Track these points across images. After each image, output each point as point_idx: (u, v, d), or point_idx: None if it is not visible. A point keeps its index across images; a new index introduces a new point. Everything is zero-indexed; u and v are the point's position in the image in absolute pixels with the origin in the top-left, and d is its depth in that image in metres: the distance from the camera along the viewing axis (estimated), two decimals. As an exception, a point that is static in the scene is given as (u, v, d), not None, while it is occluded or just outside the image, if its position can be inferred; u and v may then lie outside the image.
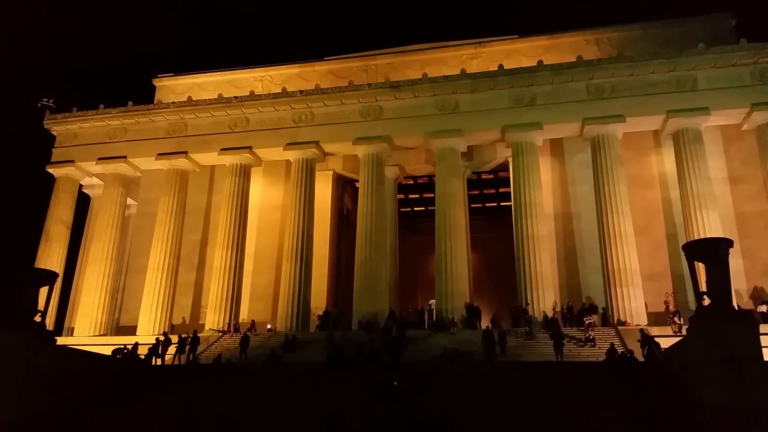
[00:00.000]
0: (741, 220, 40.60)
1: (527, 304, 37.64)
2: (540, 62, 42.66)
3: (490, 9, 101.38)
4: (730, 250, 20.92)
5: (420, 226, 61.55)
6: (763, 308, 35.95)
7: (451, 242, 40.91)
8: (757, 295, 38.43)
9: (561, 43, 47.96)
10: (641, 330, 32.16)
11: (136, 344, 33.77)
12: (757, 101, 38.60)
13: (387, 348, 29.80)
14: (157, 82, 55.71)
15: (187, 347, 34.68)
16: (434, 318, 39.41)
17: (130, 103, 48.65)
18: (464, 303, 39.44)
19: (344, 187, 54.05)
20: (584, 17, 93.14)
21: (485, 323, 40.26)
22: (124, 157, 47.72)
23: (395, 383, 22.84)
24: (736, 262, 34.10)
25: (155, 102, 51.55)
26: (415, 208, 61.28)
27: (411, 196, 58.69)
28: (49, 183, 49.76)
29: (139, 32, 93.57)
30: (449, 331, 36.50)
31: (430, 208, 50.80)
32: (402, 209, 55.90)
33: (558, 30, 49.48)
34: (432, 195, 45.44)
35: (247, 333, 37.42)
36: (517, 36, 49.92)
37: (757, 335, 19.08)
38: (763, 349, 18.88)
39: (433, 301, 42.29)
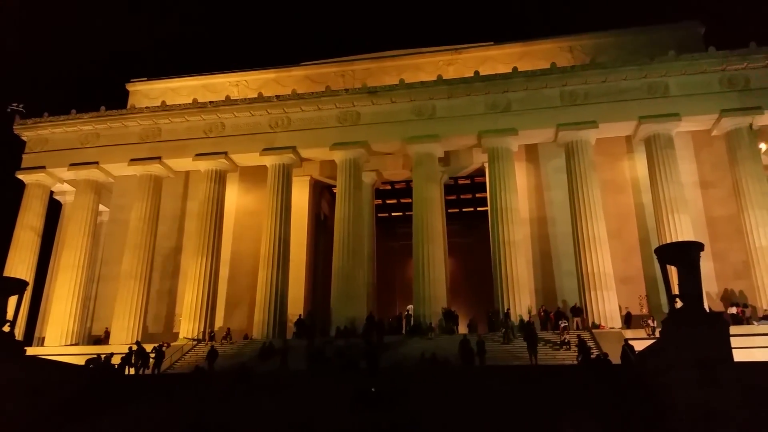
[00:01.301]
0: (711, 224, 41.38)
1: (508, 308, 37.79)
2: (515, 69, 43.05)
3: (464, 16, 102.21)
4: (701, 253, 21.25)
5: (397, 231, 61.61)
6: (733, 310, 36.67)
7: (429, 247, 41.01)
8: (728, 298, 39.20)
9: (535, 50, 48.50)
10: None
11: (111, 355, 33.11)
12: (725, 107, 39.45)
13: (365, 354, 29.71)
14: (131, 87, 55.05)
15: (152, 361, 33.54)
16: (412, 323, 39.41)
17: (102, 108, 48.01)
18: (442, 308, 39.49)
19: (321, 192, 53.93)
20: (557, 25, 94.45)
21: (462, 328, 40.40)
22: (97, 162, 46.99)
23: (373, 389, 22.81)
24: (707, 265, 34.57)
25: (128, 107, 50.92)
26: (393, 214, 61.30)
27: (388, 201, 58.78)
28: (19, 189, 48.79)
29: (113, 36, 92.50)
30: (427, 336, 36.54)
31: (407, 213, 50.87)
32: (379, 214, 55.90)
33: (532, 37, 50.05)
34: (409, 200, 45.54)
35: (214, 347, 35.58)
36: (492, 43, 50.42)
37: (727, 337, 19.39)
38: (734, 351, 19.17)
39: (410, 307, 42.32)
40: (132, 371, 33.12)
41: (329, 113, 44.75)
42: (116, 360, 32.61)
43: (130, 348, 34.59)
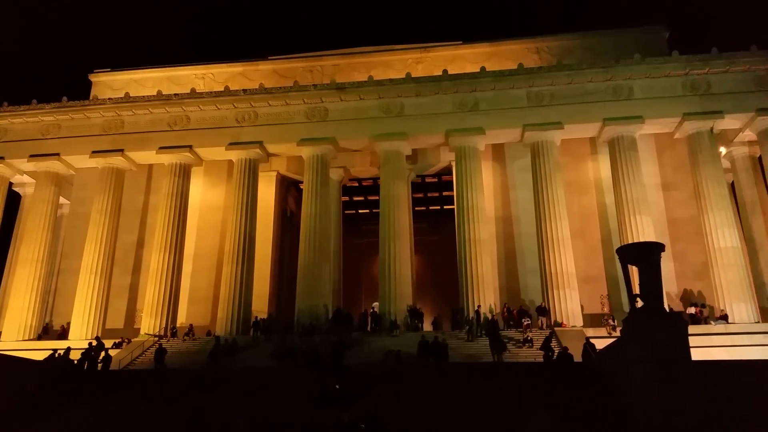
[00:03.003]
0: (673, 225, 42.26)
1: (479, 306, 37.90)
2: (483, 68, 43.18)
3: (434, 14, 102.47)
4: (662, 254, 21.56)
5: (364, 228, 61.50)
6: (692, 310, 37.53)
7: (395, 245, 40.99)
8: (687, 298, 40.12)
9: (503, 51, 48.85)
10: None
11: (69, 349, 32.36)
12: (688, 111, 40.24)
13: (330, 350, 29.55)
14: (94, 78, 53.84)
15: (101, 364, 32.28)
16: (377, 320, 39.35)
17: (64, 98, 46.77)
18: (407, 305, 39.52)
19: (288, 188, 53.49)
20: (525, 26, 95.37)
21: (428, 326, 40.46)
22: (57, 154, 45.79)
23: (337, 386, 22.69)
24: (667, 265, 35.40)
25: (91, 98, 49.85)
26: (360, 211, 61.21)
27: (355, 198, 58.63)
28: (-25, 180, 47.32)
29: (76, 26, 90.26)
30: (392, 333, 36.58)
31: (374, 210, 50.81)
32: (346, 211, 55.72)
33: (500, 37, 50.36)
34: (376, 197, 45.43)
35: (162, 345, 34.58)
36: (460, 42, 50.63)
37: (686, 337, 19.70)
38: (692, 350, 19.55)
39: (376, 304, 42.24)
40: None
41: (297, 108, 44.36)
42: (75, 355, 31.88)
43: (90, 343, 33.87)
